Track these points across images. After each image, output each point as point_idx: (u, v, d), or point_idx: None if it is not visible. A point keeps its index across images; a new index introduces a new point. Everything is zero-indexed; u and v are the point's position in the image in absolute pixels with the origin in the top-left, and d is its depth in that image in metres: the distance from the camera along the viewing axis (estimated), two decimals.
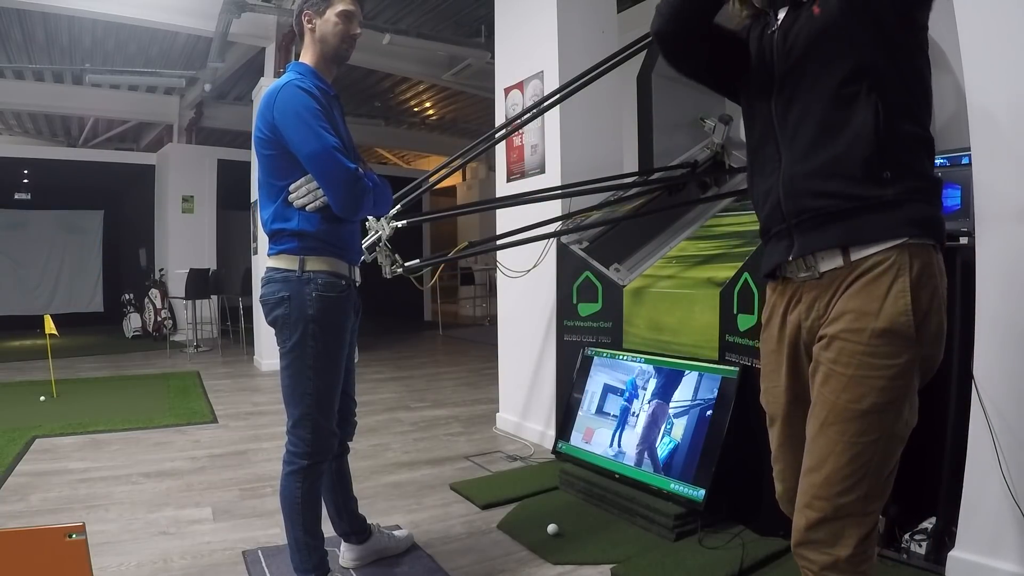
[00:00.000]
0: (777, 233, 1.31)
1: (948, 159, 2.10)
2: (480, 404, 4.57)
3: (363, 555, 2.11)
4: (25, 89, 7.95)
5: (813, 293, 1.27)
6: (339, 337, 1.83)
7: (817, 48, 1.22)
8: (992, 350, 1.80)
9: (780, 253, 1.31)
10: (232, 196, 8.43)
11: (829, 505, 1.18)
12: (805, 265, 1.26)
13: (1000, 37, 1.75)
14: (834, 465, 1.18)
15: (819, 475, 1.20)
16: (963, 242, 1.95)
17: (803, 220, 1.25)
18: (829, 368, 1.20)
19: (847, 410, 1.18)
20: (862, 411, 1.17)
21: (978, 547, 1.81)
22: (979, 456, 1.81)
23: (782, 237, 1.30)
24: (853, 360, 1.17)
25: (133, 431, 3.84)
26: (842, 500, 1.17)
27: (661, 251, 3.04)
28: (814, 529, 1.20)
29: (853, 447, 1.17)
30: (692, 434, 2.35)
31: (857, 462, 1.17)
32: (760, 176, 1.35)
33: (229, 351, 7.54)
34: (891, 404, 1.17)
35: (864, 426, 1.17)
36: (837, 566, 1.18)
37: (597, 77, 2.86)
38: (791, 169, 1.26)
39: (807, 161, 1.23)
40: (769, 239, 1.35)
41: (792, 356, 1.33)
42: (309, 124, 1.66)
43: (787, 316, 1.33)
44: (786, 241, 1.29)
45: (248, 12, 5.33)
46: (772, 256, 1.34)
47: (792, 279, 1.31)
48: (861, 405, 1.17)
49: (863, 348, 1.17)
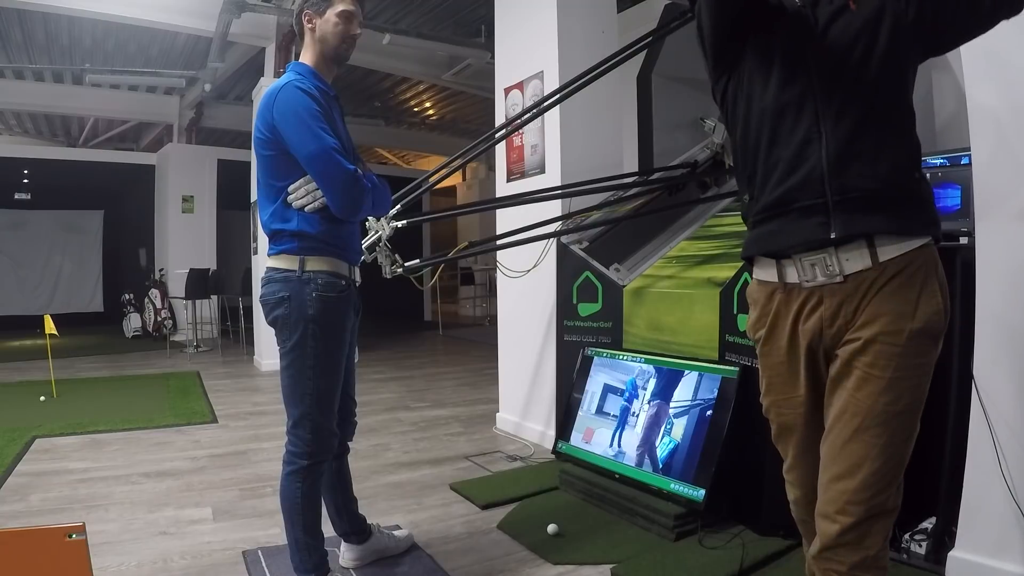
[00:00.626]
0: (806, 208, 1.21)
1: (948, 159, 2.10)
2: (480, 404, 4.56)
3: (363, 555, 2.11)
4: (25, 89, 7.95)
5: (838, 298, 1.21)
6: (339, 337, 1.83)
7: (863, 37, 1.20)
8: (992, 350, 1.79)
9: (809, 230, 1.20)
10: (232, 196, 8.42)
11: (862, 509, 1.18)
12: (826, 267, 1.20)
13: (1000, 37, 1.74)
14: (870, 469, 1.17)
15: (854, 481, 1.18)
16: (963, 242, 1.95)
17: (849, 199, 1.18)
18: (866, 372, 1.18)
19: (885, 412, 1.17)
20: (898, 412, 1.17)
21: (978, 547, 1.81)
22: (979, 456, 1.81)
23: (812, 213, 1.20)
24: (892, 362, 1.16)
25: (133, 431, 3.84)
26: (876, 501, 1.18)
27: (661, 251, 3.04)
28: (846, 533, 1.19)
29: (890, 448, 1.17)
30: (692, 434, 2.35)
31: (892, 462, 1.18)
32: (782, 144, 1.23)
33: (229, 351, 7.54)
34: (920, 402, 1.20)
35: (899, 426, 1.18)
36: (865, 563, 1.19)
37: (597, 77, 2.86)
38: (839, 146, 1.18)
39: (858, 141, 1.19)
40: (789, 212, 1.23)
41: (811, 365, 1.28)
42: (308, 125, 1.66)
43: (799, 325, 1.26)
44: (819, 218, 1.20)
45: (248, 12, 5.33)
46: (796, 233, 1.22)
47: (800, 285, 1.25)
48: (897, 406, 1.17)
49: (901, 350, 1.16)
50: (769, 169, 1.26)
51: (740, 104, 1.31)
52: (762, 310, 1.34)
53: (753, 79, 1.28)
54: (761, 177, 1.27)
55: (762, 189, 1.27)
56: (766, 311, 1.32)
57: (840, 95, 1.20)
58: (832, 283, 1.21)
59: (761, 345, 1.36)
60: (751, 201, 1.32)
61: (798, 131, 1.22)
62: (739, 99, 1.31)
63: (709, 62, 1.36)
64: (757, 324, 1.36)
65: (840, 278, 1.20)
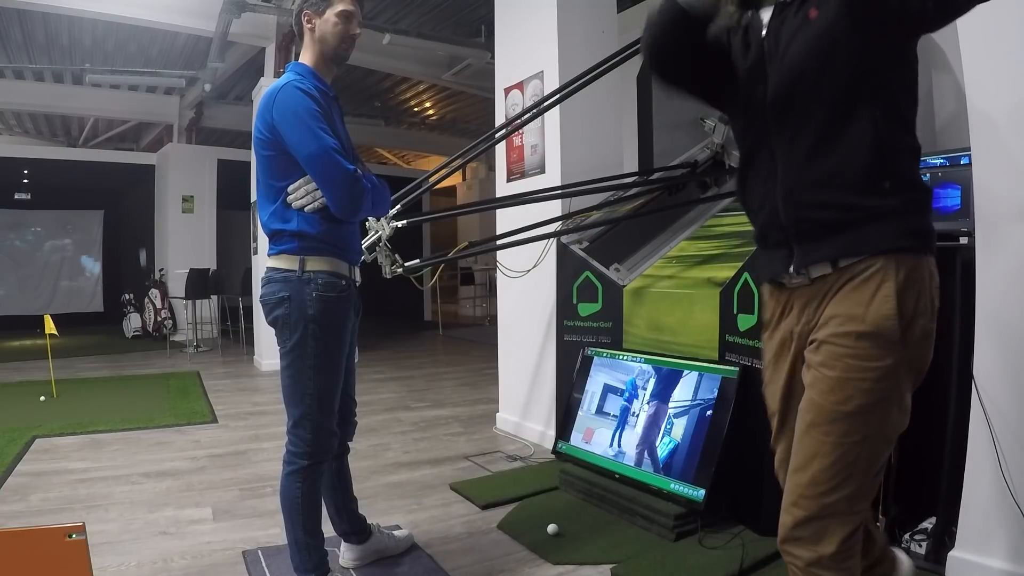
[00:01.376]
0: (776, 242, 1.31)
1: (948, 159, 2.10)
2: (480, 404, 4.57)
3: (363, 555, 2.11)
4: (25, 89, 7.95)
5: (803, 299, 1.29)
6: (339, 337, 1.83)
7: (814, 55, 1.19)
8: (992, 350, 1.80)
9: (779, 263, 1.31)
10: (232, 196, 8.43)
11: (815, 504, 1.20)
12: (797, 272, 1.28)
13: (1000, 37, 1.75)
14: (820, 465, 1.20)
15: (805, 475, 1.22)
16: (963, 242, 1.95)
17: (803, 231, 1.24)
18: (817, 371, 1.23)
19: (833, 411, 1.19)
20: (847, 412, 1.18)
21: (978, 547, 1.81)
22: (979, 456, 1.81)
23: (780, 246, 1.30)
24: (839, 363, 1.19)
25: (133, 431, 3.84)
26: (827, 499, 1.19)
27: (661, 251, 3.04)
28: (800, 527, 1.22)
29: (839, 448, 1.18)
30: (692, 434, 2.35)
31: (842, 462, 1.18)
32: (754, 183, 1.34)
33: (229, 351, 7.54)
34: (876, 405, 1.18)
35: (849, 427, 1.18)
36: (821, 562, 1.19)
37: (597, 77, 2.86)
38: (789, 178, 1.25)
39: (806, 171, 1.22)
40: (767, 247, 1.35)
41: (793, 362, 1.34)
42: (308, 125, 1.66)
43: (781, 322, 1.36)
44: (784, 251, 1.29)
45: (248, 12, 5.33)
46: (771, 265, 1.35)
47: (786, 285, 1.33)
48: (847, 407, 1.18)
49: (848, 351, 1.18)
50: (751, 205, 1.38)
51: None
52: (768, 309, 1.43)
53: (734, 124, 1.42)
54: (748, 212, 1.40)
55: (752, 222, 1.39)
56: (768, 306, 1.43)
57: (791, 127, 1.24)
58: (803, 286, 1.28)
59: (765, 341, 1.44)
60: None
61: (761, 170, 1.31)
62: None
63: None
64: (766, 321, 1.45)
65: (808, 280, 1.26)
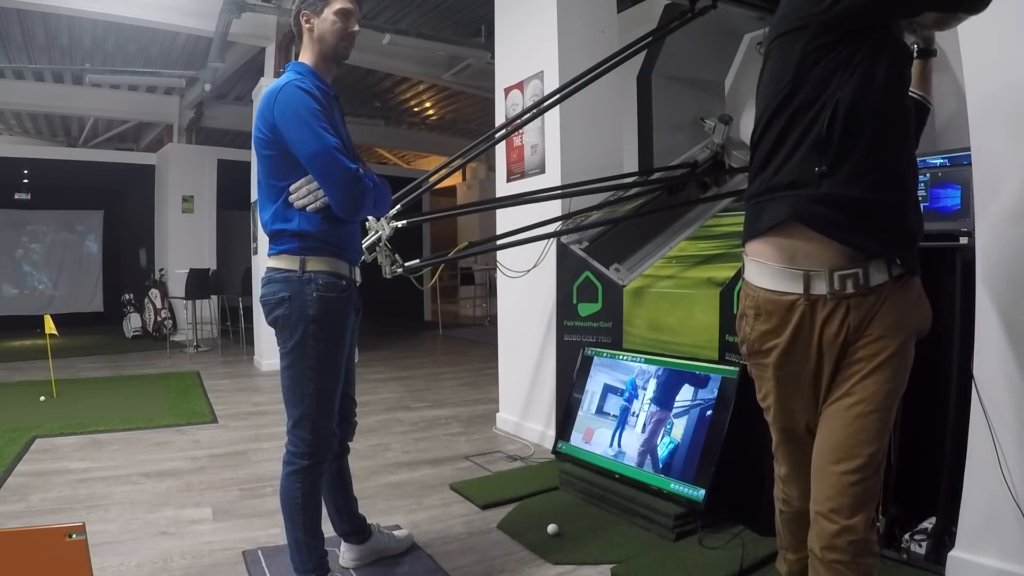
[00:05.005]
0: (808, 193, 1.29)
1: (948, 159, 2.10)
2: (480, 404, 4.57)
3: (363, 555, 2.11)
4: (25, 89, 7.95)
5: (863, 308, 1.29)
6: (339, 337, 1.83)
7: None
8: (992, 350, 1.79)
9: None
10: (232, 196, 8.43)
11: (860, 490, 1.27)
12: (858, 281, 1.28)
13: (1000, 37, 1.75)
14: (871, 449, 1.28)
15: (852, 463, 1.27)
16: (963, 242, 1.95)
17: (856, 214, 1.27)
18: (875, 364, 1.29)
19: (888, 399, 1.30)
20: (891, 405, 1.31)
21: (978, 547, 1.81)
22: (979, 456, 1.81)
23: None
24: (895, 357, 1.30)
25: (133, 431, 3.84)
26: (869, 483, 1.28)
27: (661, 251, 3.04)
28: (842, 514, 1.27)
29: (884, 432, 1.30)
30: (692, 434, 2.35)
31: (882, 451, 1.31)
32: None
33: (229, 351, 7.54)
34: (901, 391, 1.33)
35: (891, 415, 1.32)
36: (868, 548, 1.27)
37: (597, 77, 2.86)
38: (852, 163, 1.27)
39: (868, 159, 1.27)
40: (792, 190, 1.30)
41: (833, 369, 1.33)
42: (309, 124, 1.66)
43: (825, 330, 1.30)
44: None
45: (248, 12, 5.33)
46: (783, 211, 1.30)
47: (825, 297, 1.28)
48: (892, 400, 1.31)
49: (899, 346, 1.30)
50: (778, 149, 1.38)
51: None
52: (780, 320, 1.33)
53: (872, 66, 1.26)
54: (769, 155, 1.39)
55: (766, 166, 1.40)
56: (785, 321, 1.33)
57: (863, 110, 1.29)
58: (860, 295, 1.29)
59: (779, 355, 1.35)
60: None
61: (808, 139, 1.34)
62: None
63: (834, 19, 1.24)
64: (770, 335, 1.35)
65: (866, 290, 1.29)
